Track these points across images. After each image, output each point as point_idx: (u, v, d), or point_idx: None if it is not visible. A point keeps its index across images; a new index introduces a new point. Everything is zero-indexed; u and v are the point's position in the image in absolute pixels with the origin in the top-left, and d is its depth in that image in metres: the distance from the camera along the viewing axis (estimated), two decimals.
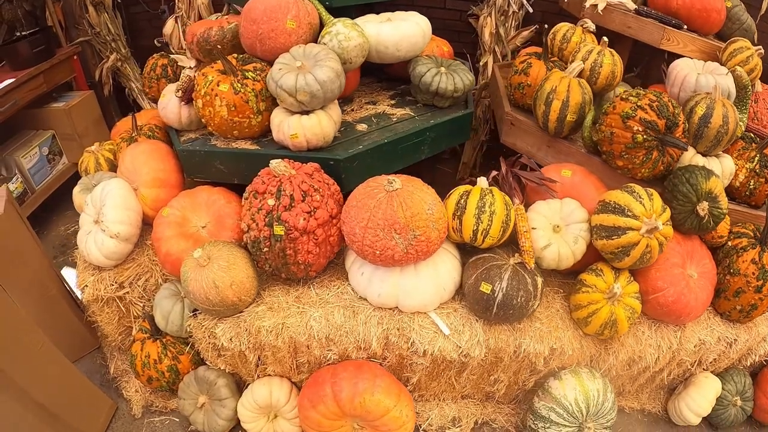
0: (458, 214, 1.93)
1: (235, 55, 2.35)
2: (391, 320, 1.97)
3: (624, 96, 1.98)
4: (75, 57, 3.62)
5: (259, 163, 2.20)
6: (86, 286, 2.34)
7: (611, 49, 2.23)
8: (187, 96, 2.40)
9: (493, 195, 1.92)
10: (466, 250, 2.10)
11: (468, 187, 1.99)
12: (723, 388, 2.15)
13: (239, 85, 2.17)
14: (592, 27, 2.41)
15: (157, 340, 2.28)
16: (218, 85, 2.17)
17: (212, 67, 2.29)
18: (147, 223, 2.41)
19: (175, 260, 2.15)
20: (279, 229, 1.87)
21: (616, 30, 2.42)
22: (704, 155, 2.09)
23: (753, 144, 2.18)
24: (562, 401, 1.94)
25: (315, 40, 2.34)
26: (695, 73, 2.16)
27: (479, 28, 3.18)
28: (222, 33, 2.47)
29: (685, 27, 2.30)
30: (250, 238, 1.94)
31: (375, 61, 2.39)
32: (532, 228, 1.96)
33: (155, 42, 3.28)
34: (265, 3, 2.21)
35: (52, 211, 3.57)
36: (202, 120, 2.33)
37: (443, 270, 1.97)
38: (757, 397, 2.24)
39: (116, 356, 2.58)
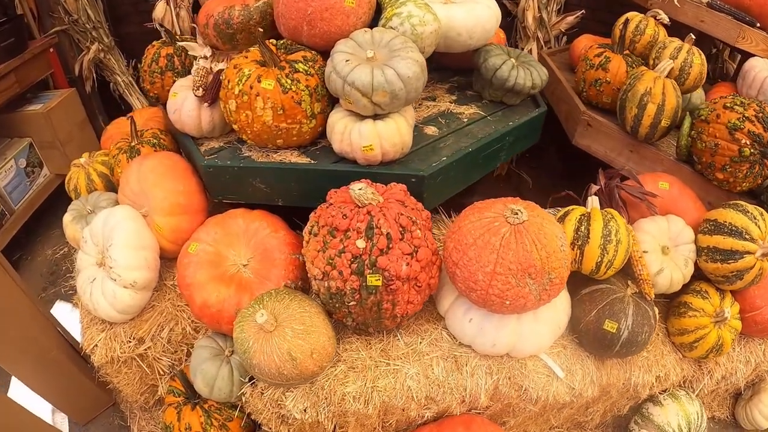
0: (579, 243, 1.31)
1: (274, 41, 1.48)
2: (501, 368, 1.34)
3: (728, 104, 1.43)
4: (51, 50, 2.47)
5: (314, 181, 1.43)
6: (96, 346, 1.47)
7: (697, 48, 1.69)
8: (211, 95, 1.51)
9: (616, 221, 1.32)
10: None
11: (581, 209, 1.40)
12: None
13: (289, 81, 1.33)
14: (666, 19, 1.78)
15: (197, 406, 1.48)
16: (259, 82, 1.33)
17: (245, 57, 1.41)
18: (163, 257, 1.56)
19: (216, 313, 1.35)
20: (374, 280, 1.15)
21: (688, 23, 1.81)
22: None
23: None
24: (666, 428, 1.50)
25: (370, 25, 1.54)
26: None
27: (520, 11, 2.43)
28: (247, 13, 1.56)
29: (758, 24, 1.82)
30: (329, 289, 1.19)
31: (441, 50, 1.61)
32: (644, 251, 1.44)
33: (146, 26, 2.22)
34: None
35: (35, 232, 2.49)
36: (234, 126, 1.47)
37: (560, 308, 1.36)
38: None
39: (138, 415, 1.73)
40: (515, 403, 1.39)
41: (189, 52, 1.72)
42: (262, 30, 1.38)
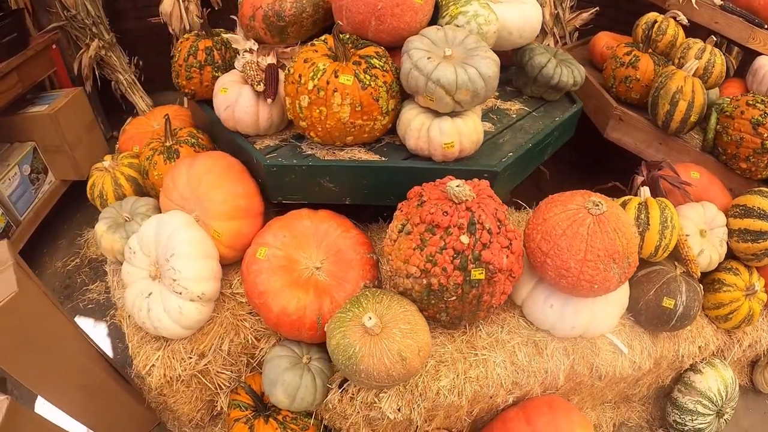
0: (640, 230, 1.48)
1: (343, 35, 1.49)
2: (575, 349, 1.48)
3: (750, 102, 1.69)
4: (54, 46, 2.30)
5: (387, 179, 1.48)
6: (153, 366, 1.41)
7: (718, 49, 1.94)
8: (273, 90, 1.49)
9: (670, 209, 1.51)
10: None
11: (637, 199, 1.57)
12: None
13: (368, 77, 1.36)
14: (685, 20, 2.01)
15: (269, 418, 1.47)
16: (336, 77, 1.34)
17: (314, 51, 1.42)
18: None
19: (297, 321, 1.34)
20: (478, 273, 1.23)
21: (703, 24, 2.06)
22: None
23: None
24: (707, 393, 1.74)
25: (430, 23, 1.61)
26: None
27: None
28: (300, 5, 1.57)
29: (766, 26, 2.12)
30: (429, 286, 1.24)
31: (493, 49, 1.73)
32: (687, 235, 1.66)
33: (149, 21, 2.11)
34: None
35: (40, 243, 2.30)
36: (300, 123, 1.46)
37: (624, 289, 1.51)
38: None
39: None
40: (585, 381, 1.55)
41: (232, 45, 1.68)
42: (341, 24, 1.39)
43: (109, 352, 1.93)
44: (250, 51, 1.64)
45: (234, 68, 1.67)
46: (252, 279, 1.39)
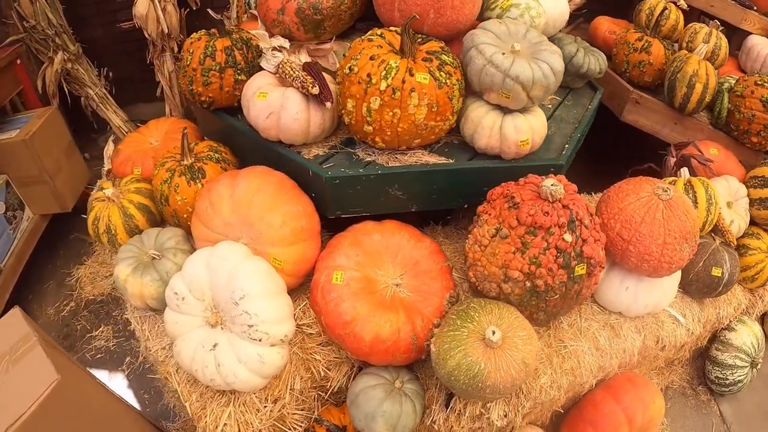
0: None
1: (393, 28, 1.45)
2: (644, 325, 1.62)
3: (758, 82, 1.97)
4: (18, 61, 2.00)
5: (458, 180, 1.50)
6: (225, 424, 1.29)
7: (721, 32, 2.20)
8: (329, 92, 1.41)
9: (711, 186, 1.74)
10: None
11: (681, 180, 1.76)
12: None
13: (444, 75, 1.34)
14: (685, 5, 2.27)
15: None
16: (412, 75, 1.31)
17: (378, 47, 1.35)
18: None
19: (392, 345, 1.31)
20: (581, 269, 1.30)
21: (700, 7, 2.35)
22: None
23: None
24: (743, 348, 2.01)
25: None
26: None
27: None
28: None
29: (755, 8, 2.44)
30: (534, 287, 1.27)
31: None
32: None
33: (122, 27, 1.88)
34: None
35: (25, 288, 1.99)
36: (366, 128, 1.39)
37: None
38: None
39: None
40: (649, 355, 1.74)
41: (260, 44, 1.54)
42: (414, 19, 1.31)
43: (137, 407, 1.73)
44: (280, 49, 1.53)
45: (262, 69, 1.55)
46: (333, 309, 1.32)
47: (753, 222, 2.00)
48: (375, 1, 1.53)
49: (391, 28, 1.45)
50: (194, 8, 2.50)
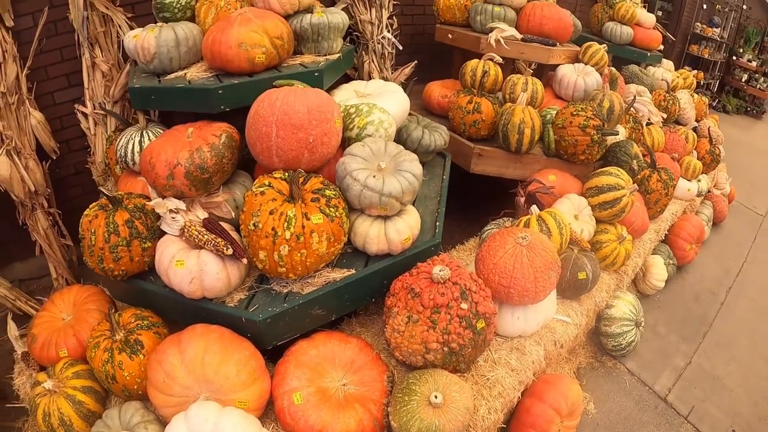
0: (547, 236, 2.44)
1: (279, 174, 1.92)
2: (541, 337, 2.30)
3: (573, 113, 2.80)
4: None
5: (363, 285, 2.02)
6: None
7: (535, 77, 3.03)
8: (240, 247, 1.84)
9: (557, 214, 2.45)
10: None
11: (534, 216, 2.47)
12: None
13: (332, 210, 1.86)
14: (500, 60, 3.05)
15: None
16: (308, 219, 1.80)
17: (271, 199, 1.80)
18: None
19: None
20: (481, 323, 1.90)
21: (512, 57, 3.17)
22: None
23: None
24: (624, 317, 2.71)
25: None
26: (575, 75, 3.17)
27: (365, 74, 3.32)
28: (218, 153, 1.94)
29: (557, 44, 3.35)
30: (451, 350, 1.85)
31: None
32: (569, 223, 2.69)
33: None
34: (307, 103, 1.90)
35: None
36: (279, 269, 1.84)
37: None
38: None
39: None
40: (553, 355, 2.46)
41: (157, 210, 1.89)
42: (301, 179, 1.78)
43: None
44: (177, 211, 1.91)
45: (165, 233, 1.91)
46: (304, 424, 1.72)
47: (600, 221, 2.87)
48: (253, 149, 1.97)
49: (275, 174, 1.91)
50: (54, 158, 2.71)
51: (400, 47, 3.46)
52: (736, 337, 3.30)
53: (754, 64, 8.21)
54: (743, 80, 8.46)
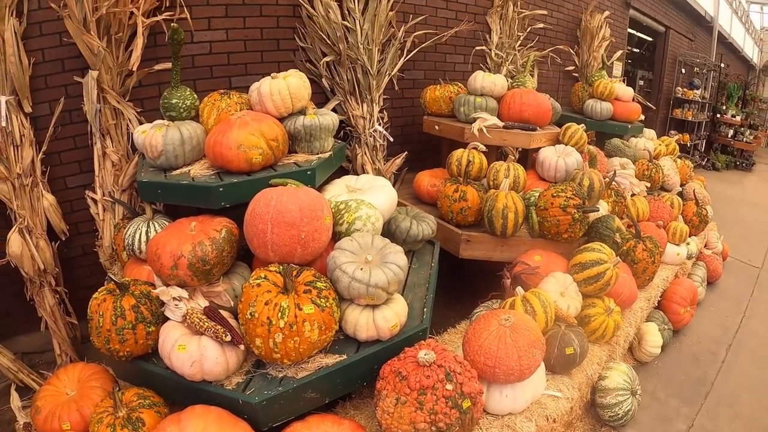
0: (532, 316, 2.66)
1: (275, 267, 2.18)
2: (531, 413, 2.43)
3: (554, 194, 3.10)
4: None
5: (356, 369, 2.22)
6: None
7: (518, 164, 3.38)
8: (237, 334, 2.06)
9: (542, 295, 2.67)
10: None
11: (519, 297, 2.70)
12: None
13: (323, 300, 2.10)
14: (484, 148, 3.42)
15: None
16: (301, 309, 2.03)
17: (267, 291, 2.05)
18: None
19: None
20: (466, 403, 2.06)
21: (495, 144, 3.57)
22: None
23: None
24: (619, 387, 2.82)
25: None
26: (556, 157, 3.53)
27: (359, 167, 3.71)
28: (219, 246, 2.21)
29: (538, 128, 3.73)
30: (438, 429, 1.98)
31: None
32: (555, 301, 2.91)
33: None
34: (299, 202, 2.20)
35: None
36: (274, 356, 2.06)
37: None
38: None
39: None
40: (548, 429, 2.57)
41: (161, 297, 2.14)
42: (294, 274, 2.03)
43: None
44: (180, 299, 2.17)
45: (168, 318, 2.15)
46: None
47: (586, 295, 3.09)
48: (250, 244, 2.25)
49: (271, 268, 2.18)
50: (63, 239, 3.01)
51: (391, 139, 3.87)
52: (738, 394, 3.39)
53: (738, 118, 8.76)
54: (729, 136, 8.98)
